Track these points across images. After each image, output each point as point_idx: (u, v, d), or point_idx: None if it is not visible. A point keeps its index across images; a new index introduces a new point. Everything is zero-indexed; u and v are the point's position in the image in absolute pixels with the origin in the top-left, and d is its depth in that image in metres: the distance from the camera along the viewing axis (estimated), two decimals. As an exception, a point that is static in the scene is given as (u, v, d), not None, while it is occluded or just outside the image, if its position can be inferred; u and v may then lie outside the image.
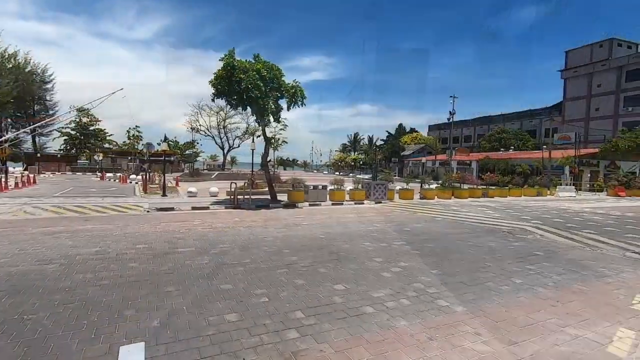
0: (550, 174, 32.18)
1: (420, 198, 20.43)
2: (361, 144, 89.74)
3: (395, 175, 49.16)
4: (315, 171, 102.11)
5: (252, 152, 24.62)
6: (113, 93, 23.94)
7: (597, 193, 30.92)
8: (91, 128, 53.66)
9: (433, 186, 23.06)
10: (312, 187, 16.58)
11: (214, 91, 14.16)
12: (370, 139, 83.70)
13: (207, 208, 13.80)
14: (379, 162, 56.88)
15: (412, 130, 79.27)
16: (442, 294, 5.03)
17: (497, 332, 3.91)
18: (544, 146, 38.28)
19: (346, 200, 17.35)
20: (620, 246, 8.71)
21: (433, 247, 7.94)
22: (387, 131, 75.58)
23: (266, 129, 16.60)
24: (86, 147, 51.84)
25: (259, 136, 23.66)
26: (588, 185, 34.37)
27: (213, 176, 36.98)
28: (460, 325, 4.04)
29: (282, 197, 16.68)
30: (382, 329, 3.90)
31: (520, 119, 62.86)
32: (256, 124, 19.75)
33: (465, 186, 23.54)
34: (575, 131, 44.50)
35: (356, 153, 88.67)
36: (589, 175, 36.50)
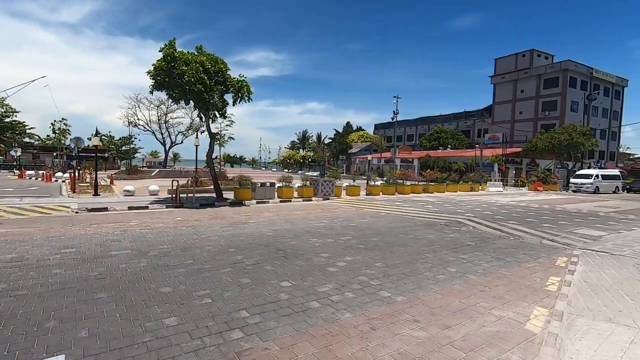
0: (481, 170, 35.11)
1: (367, 194, 21.11)
2: (310, 141, 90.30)
3: (342, 173, 50.17)
4: (263, 168, 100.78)
5: (196, 148, 23.60)
6: (33, 81, 21.42)
7: (520, 188, 34.38)
8: (6, 120, 47.44)
9: (378, 183, 23.95)
10: (259, 185, 16.32)
11: (152, 83, 13.29)
12: (319, 137, 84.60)
13: (146, 208, 12.95)
14: (327, 159, 57.72)
15: (359, 128, 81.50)
16: (384, 285, 5.25)
17: (434, 318, 4.17)
18: (477, 145, 41.63)
19: (294, 197, 17.35)
20: (537, 235, 9.78)
21: (377, 241, 8.25)
22: (335, 129, 76.90)
23: (211, 124, 15.99)
24: (0, 142, 45.79)
25: (203, 132, 22.71)
26: (513, 181, 38.04)
27: (153, 174, 34.80)
28: (401, 314, 4.24)
29: (229, 195, 16.21)
30: (327, 322, 3.96)
31: (456, 120, 67.64)
32: (200, 119, 18.92)
33: (408, 182, 24.82)
34: (502, 132, 49.02)
35: (305, 150, 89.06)
36: (513, 171, 40.43)
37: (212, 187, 16.76)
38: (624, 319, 4.20)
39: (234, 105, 14.64)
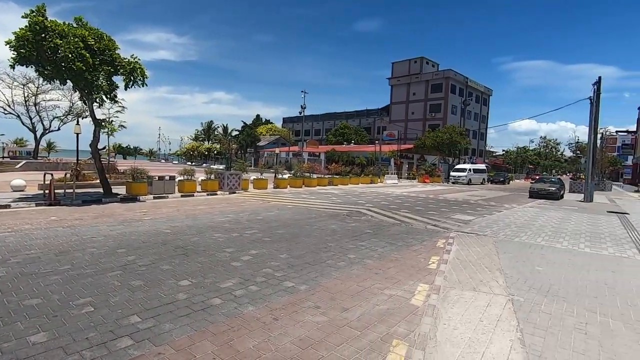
0: (380, 165, 38.26)
1: (274, 187, 21.13)
2: (216, 133, 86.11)
3: (250, 166, 49.22)
4: (163, 161, 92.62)
5: (77, 136, 20.41)
6: None
7: (412, 180, 38.56)
8: None
9: (286, 176, 24.18)
10: (157, 178, 14.95)
11: (14, 56, 10.96)
12: (225, 128, 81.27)
13: (8, 207, 10.72)
14: (234, 152, 55.86)
15: (268, 121, 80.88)
16: (288, 275, 5.34)
17: (334, 302, 4.41)
18: (376, 141, 45.15)
19: (198, 192, 16.39)
20: (423, 221, 11.12)
21: (283, 233, 8.34)
22: (242, 121, 74.84)
23: (97, 109, 13.96)
24: None
25: (86, 117, 19.70)
26: (406, 174, 42.44)
27: (18, 166, 28.97)
28: (303, 302, 4.38)
29: (120, 190, 14.48)
30: (229, 318, 3.86)
31: (359, 117, 72.18)
32: (83, 103, 16.40)
33: (315, 176, 25.63)
34: (398, 130, 54.06)
35: (210, 142, 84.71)
36: (407, 166, 45.11)
37: (98, 181, 14.72)
38: (483, 287, 5.08)
39: (126, 89, 13.02)
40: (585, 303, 4.62)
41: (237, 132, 75.83)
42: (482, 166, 43.17)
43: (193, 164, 67.81)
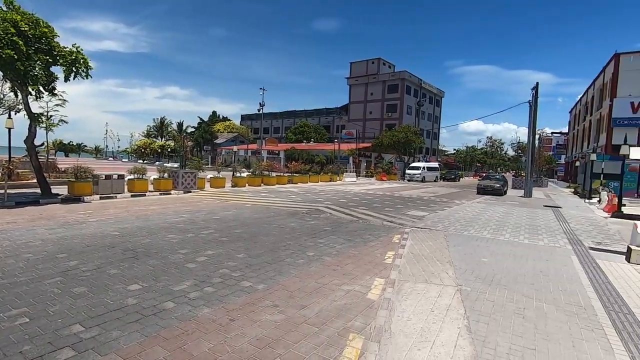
0: (339, 163, 38.79)
1: (232, 186, 20.66)
2: (169, 129, 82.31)
3: (207, 164, 47.72)
4: (111, 159, 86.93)
5: (9, 131, 18.48)
6: None
7: (370, 178, 39.54)
8: None
9: (244, 174, 23.73)
10: (104, 177, 13.99)
11: None
12: (180, 125, 77.92)
13: None
14: (189, 149, 53.79)
15: (226, 118, 78.82)
16: (246, 275, 5.26)
17: (292, 300, 4.41)
18: (336, 140, 45.69)
19: (150, 191, 15.58)
20: (380, 217, 11.45)
21: (241, 233, 8.19)
22: (199, 117, 72.10)
23: (33, 102, 12.75)
24: None
25: (19, 111, 17.97)
26: (364, 172, 43.42)
27: (-63, 164, 25.64)
28: (261, 301, 4.33)
29: (61, 190, 13.37)
30: (183, 321, 3.72)
31: (319, 116, 72.58)
32: (15, 95, 14.92)
33: (274, 174, 25.40)
34: (356, 129, 55.10)
35: (164, 139, 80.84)
36: (365, 164, 46.15)
37: (35, 180, 13.48)
38: (435, 279, 5.34)
39: (66, 80, 12.00)
40: (524, 290, 5.03)
41: (193, 129, 73.00)
42: (435, 164, 45.33)
43: (145, 162, 64.32)
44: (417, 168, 38.82)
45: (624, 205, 14.79)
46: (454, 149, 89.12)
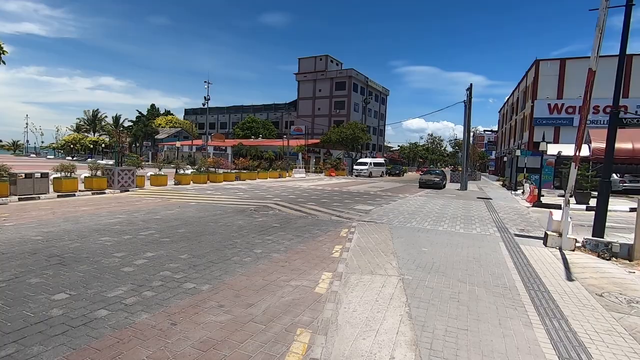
0: (288, 159, 38.65)
1: (175, 184, 19.64)
2: (104, 123, 75.86)
3: (147, 161, 44.90)
4: (33, 155, 78.05)
5: None
6: None
7: (319, 174, 39.96)
8: None
9: (189, 171, 22.67)
10: (23, 176, 12.49)
11: None
12: (116, 119, 72.15)
13: None
14: (127, 145, 50.05)
15: (168, 112, 74.53)
16: (189, 276, 5.03)
17: (238, 299, 4.31)
18: (285, 136, 45.42)
19: (80, 191, 14.23)
20: (328, 212, 11.63)
21: (184, 232, 7.81)
22: (138, 111, 67.31)
23: None
24: None
25: None
26: (314, 168, 43.76)
27: None
28: (206, 302, 4.18)
29: (-32, 191, 11.69)
30: (118, 329, 3.46)
31: (267, 111, 71.57)
32: None
33: (221, 171, 24.59)
34: (305, 125, 55.28)
35: (97, 134, 74.36)
36: (314, 160, 46.50)
37: None
38: (379, 270, 5.56)
39: (-28, 65, 10.49)
40: (459, 275, 5.43)
41: (130, 124, 67.98)
42: (381, 160, 47.10)
43: (75, 158, 58.72)
44: (365, 164, 40.02)
45: (543, 195, 16.61)
46: (399, 145, 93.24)
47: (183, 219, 9.39)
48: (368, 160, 41.88)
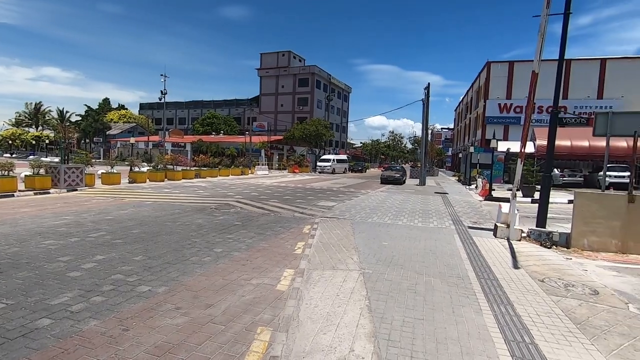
0: (251, 155, 38.02)
1: (130, 182, 18.63)
2: (47, 117, 70.10)
3: (99, 158, 42.39)
4: (-36, 152, 70.39)
5: None
6: None
7: (282, 170, 39.70)
8: None
9: (145, 169, 21.59)
10: (-49, 175, 11.23)
11: None
12: (62, 113, 66.95)
13: None
14: (75, 141, 46.69)
15: (121, 107, 70.43)
16: (144, 279, 4.80)
17: (196, 300, 4.18)
18: (247, 132, 44.60)
19: (21, 191, 13.07)
20: (291, 209, 11.60)
21: (139, 233, 7.44)
22: (86, 105, 62.87)
23: None
24: None
25: None
26: (277, 165, 43.41)
27: None
28: (161, 305, 4.01)
29: None
30: (62, 339, 3.22)
31: (228, 107, 69.85)
32: None
33: (180, 168, 23.67)
34: (268, 121, 54.61)
35: (40, 129, 68.60)
36: (277, 157, 46.12)
37: None
38: (341, 265, 5.63)
39: None
40: (416, 267, 5.64)
41: (79, 118, 63.40)
42: (344, 157, 47.70)
43: (14, 155, 53.83)
44: (328, 160, 40.34)
45: (494, 190, 17.68)
46: (361, 142, 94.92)
47: (138, 219, 8.93)
48: (331, 157, 42.27)
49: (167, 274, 5.05)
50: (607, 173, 11.24)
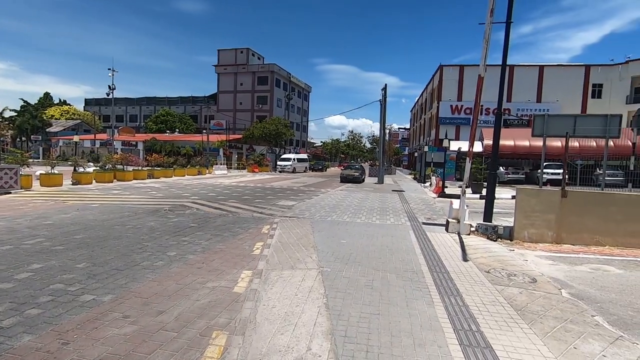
0: (208, 155, 36.87)
1: (73, 184, 17.29)
2: (-25, 113, 62.95)
3: (38, 157, 39.05)
4: None
5: None
6: None
7: (241, 170, 38.93)
8: None
9: (91, 169, 20.16)
10: None
11: None
12: (-7, 108, 60.43)
13: None
14: (9, 139, 42.43)
15: (63, 102, 65.13)
16: (88, 287, 4.47)
17: (147, 307, 3.97)
18: (204, 130, 43.18)
19: (-59, 195, 11.63)
20: (250, 209, 11.40)
21: (83, 238, 6.92)
22: (23, 99, 57.28)
23: None
24: None
25: None
26: (236, 164, 42.48)
27: None
28: (107, 315, 3.75)
29: None
30: (-10, 358, 2.91)
31: (184, 104, 67.19)
32: None
33: (130, 168, 22.38)
34: (226, 119, 53.28)
35: (-34, 126, 61.42)
36: (236, 156, 45.14)
37: None
38: (300, 264, 5.63)
39: None
40: (373, 264, 5.78)
41: (14, 114, 57.63)
42: (305, 156, 47.76)
43: None
44: (288, 159, 40.15)
45: (447, 187, 18.61)
46: (321, 141, 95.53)
47: (82, 223, 8.31)
48: (292, 156, 42.12)
49: (115, 281, 4.74)
50: (545, 170, 12.28)
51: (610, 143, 9.13)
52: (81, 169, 18.61)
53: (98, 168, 20.45)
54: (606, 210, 7.38)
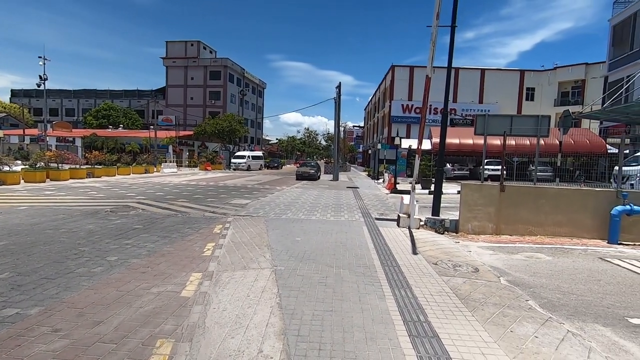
0: (156, 152, 34.90)
1: (-3, 184, 15.46)
2: None
3: (-48, 155, 34.51)
4: None
5: None
6: None
7: (193, 168, 37.38)
8: None
9: (19, 168, 18.17)
10: None
11: None
12: None
13: None
14: None
15: (-17, 92, 57.86)
16: (10, 300, 3.99)
17: (82, 319, 3.63)
18: (151, 126, 40.78)
19: None
20: (201, 209, 10.96)
21: (6, 245, 6.19)
22: None
23: None
24: None
25: None
26: (187, 162, 40.68)
27: None
28: (34, 330, 3.37)
29: None
30: None
31: (129, 98, 63.03)
32: None
33: (67, 166, 20.51)
34: (176, 115, 50.80)
35: None
36: (187, 153, 43.23)
37: None
38: (253, 264, 5.49)
39: None
40: (327, 260, 5.80)
41: None
42: (260, 153, 47.01)
43: None
44: (243, 157, 39.27)
45: (399, 183, 19.30)
46: (277, 139, 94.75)
47: (6, 228, 7.43)
48: (246, 153, 41.24)
49: (44, 291, 4.28)
50: (486, 167, 13.17)
51: (542, 142, 9.99)
52: (6, 168, 16.68)
53: (27, 167, 18.47)
54: (537, 203, 8.08)
